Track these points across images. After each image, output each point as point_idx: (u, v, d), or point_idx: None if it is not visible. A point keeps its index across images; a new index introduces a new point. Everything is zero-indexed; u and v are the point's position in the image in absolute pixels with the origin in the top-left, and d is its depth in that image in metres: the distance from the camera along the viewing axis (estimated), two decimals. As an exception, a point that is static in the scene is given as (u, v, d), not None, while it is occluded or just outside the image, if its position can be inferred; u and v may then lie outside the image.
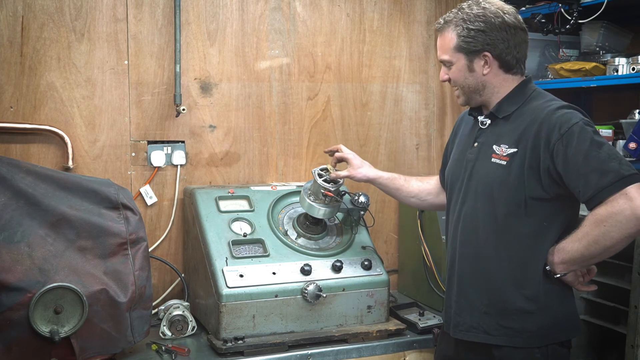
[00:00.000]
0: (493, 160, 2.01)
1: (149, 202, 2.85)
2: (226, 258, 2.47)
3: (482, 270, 2.03)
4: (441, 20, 2.08)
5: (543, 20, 2.83)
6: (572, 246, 1.90)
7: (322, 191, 2.54)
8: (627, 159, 2.22)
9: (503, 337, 1.99)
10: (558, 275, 1.95)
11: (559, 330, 2.00)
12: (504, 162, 1.98)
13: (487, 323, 2.02)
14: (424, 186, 2.46)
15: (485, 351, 2.03)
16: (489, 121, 2.08)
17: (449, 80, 2.10)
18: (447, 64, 2.08)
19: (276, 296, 2.44)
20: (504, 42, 2.01)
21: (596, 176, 1.83)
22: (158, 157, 2.85)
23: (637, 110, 2.74)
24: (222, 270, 2.43)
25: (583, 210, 2.13)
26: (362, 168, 2.48)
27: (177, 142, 2.90)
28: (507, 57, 2.03)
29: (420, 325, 2.62)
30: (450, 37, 2.04)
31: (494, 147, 2.02)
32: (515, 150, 1.97)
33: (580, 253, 1.89)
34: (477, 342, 2.03)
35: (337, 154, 2.54)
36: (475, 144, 2.09)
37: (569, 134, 1.87)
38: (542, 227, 1.97)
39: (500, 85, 2.06)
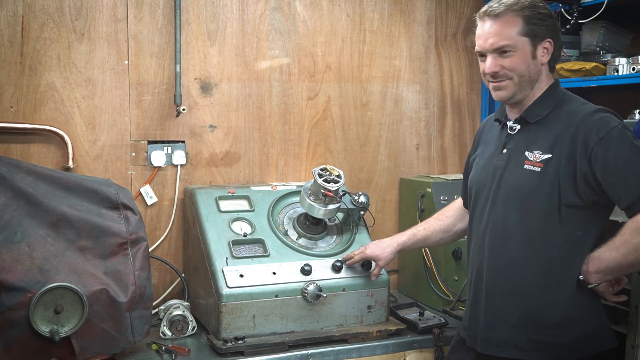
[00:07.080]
0: (526, 167, 1.93)
1: (149, 202, 2.85)
2: (226, 258, 2.47)
3: (514, 281, 1.95)
4: (498, 6, 1.91)
5: (543, 20, 2.82)
6: (609, 255, 1.83)
7: (322, 191, 2.54)
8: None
9: (534, 352, 1.92)
10: (591, 286, 1.88)
11: (591, 343, 1.92)
12: (538, 169, 1.90)
13: (517, 337, 1.94)
14: (446, 221, 2.40)
15: None
16: (518, 126, 2.00)
17: (497, 72, 1.93)
18: (507, 51, 1.91)
19: (276, 296, 2.44)
20: (559, 32, 1.95)
21: (637, 181, 1.76)
22: (158, 157, 2.85)
23: (637, 110, 2.73)
24: (222, 270, 2.43)
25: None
26: (384, 253, 2.45)
27: (177, 142, 2.90)
28: (557, 51, 1.96)
29: (420, 325, 2.61)
30: (513, 21, 1.89)
31: (526, 153, 1.94)
32: (549, 155, 1.89)
33: (618, 262, 1.82)
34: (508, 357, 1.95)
35: (357, 258, 2.49)
36: (504, 151, 2.01)
37: (608, 137, 1.80)
38: (576, 237, 1.89)
39: (541, 81, 1.97)
